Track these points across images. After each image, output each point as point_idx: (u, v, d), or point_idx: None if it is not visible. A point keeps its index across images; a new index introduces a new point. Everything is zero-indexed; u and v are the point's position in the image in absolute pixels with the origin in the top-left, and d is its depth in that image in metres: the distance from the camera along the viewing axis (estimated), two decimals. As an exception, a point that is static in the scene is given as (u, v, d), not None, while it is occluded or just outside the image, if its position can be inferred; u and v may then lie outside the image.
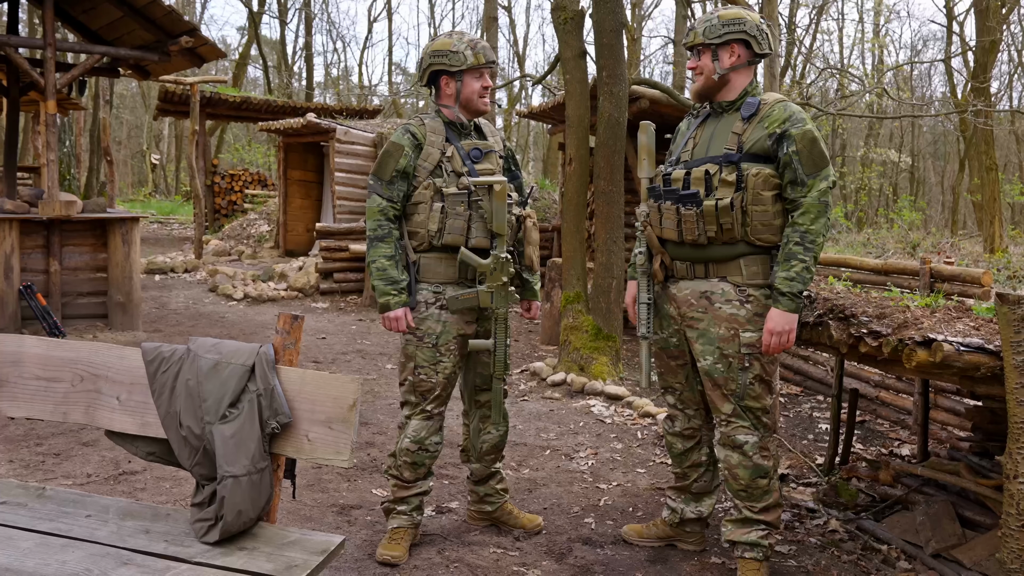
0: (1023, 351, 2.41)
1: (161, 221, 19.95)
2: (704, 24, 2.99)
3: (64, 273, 7.11)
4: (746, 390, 2.94)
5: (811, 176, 2.80)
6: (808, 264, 2.79)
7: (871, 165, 29.40)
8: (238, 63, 28.40)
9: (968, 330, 2.70)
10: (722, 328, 2.93)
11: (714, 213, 2.87)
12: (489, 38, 23.36)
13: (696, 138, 3.05)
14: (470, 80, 3.18)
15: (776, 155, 2.85)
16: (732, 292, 2.93)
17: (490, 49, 3.18)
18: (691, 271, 3.01)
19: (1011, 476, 2.47)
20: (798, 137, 2.81)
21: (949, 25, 25.25)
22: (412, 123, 3.24)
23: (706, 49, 2.99)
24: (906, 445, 4.96)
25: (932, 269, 5.05)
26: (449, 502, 3.85)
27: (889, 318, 2.85)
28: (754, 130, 2.89)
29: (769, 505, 3.00)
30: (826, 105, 12.90)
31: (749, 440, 2.96)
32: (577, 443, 4.83)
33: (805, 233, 2.78)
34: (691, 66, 3.03)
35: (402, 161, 3.14)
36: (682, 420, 3.27)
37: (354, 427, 2.46)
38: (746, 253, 2.91)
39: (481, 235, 3.15)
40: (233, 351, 2.54)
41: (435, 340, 3.18)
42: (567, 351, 6.23)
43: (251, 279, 10.32)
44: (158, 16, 6.95)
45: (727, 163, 2.89)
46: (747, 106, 2.93)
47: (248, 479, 2.42)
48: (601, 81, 6.10)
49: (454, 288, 3.19)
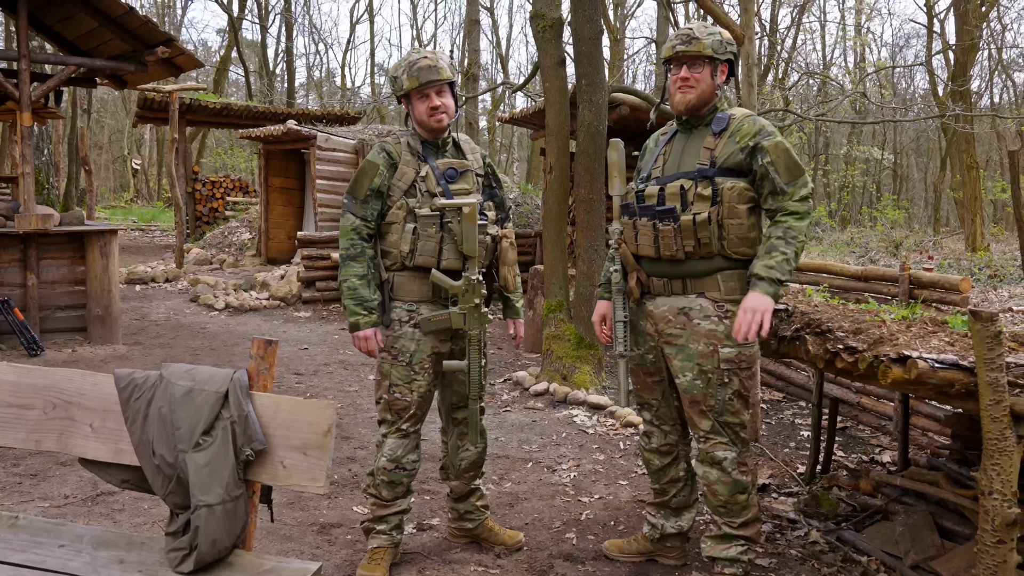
0: (996, 368, 2.42)
1: (143, 228, 19.82)
2: (711, 37, 2.96)
3: (42, 287, 7.04)
4: (725, 406, 2.93)
5: (790, 184, 2.82)
6: (789, 256, 2.77)
7: (854, 163, 29.58)
8: (219, 68, 28.29)
9: (943, 346, 2.71)
10: (701, 344, 2.92)
11: (692, 228, 2.87)
12: (471, 41, 23.32)
13: (666, 154, 3.05)
14: (416, 102, 3.16)
15: (750, 168, 2.87)
16: (710, 308, 2.92)
17: (432, 68, 3.12)
18: (668, 287, 3.00)
19: (986, 492, 2.48)
20: (771, 149, 2.83)
21: (929, 24, 25.45)
22: (388, 141, 3.24)
23: (709, 63, 2.96)
24: (887, 452, 4.98)
25: (911, 276, 5.08)
26: (430, 519, 3.84)
27: (865, 333, 2.86)
28: (726, 144, 2.90)
29: (748, 520, 3.00)
30: (807, 109, 12.95)
31: (728, 456, 2.96)
32: (559, 455, 4.82)
33: (788, 229, 2.80)
34: (685, 76, 2.96)
35: (376, 180, 3.13)
36: (659, 436, 3.25)
37: (329, 452, 2.45)
38: (723, 268, 2.91)
39: (453, 257, 3.13)
40: (206, 378, 2.52)
41: (409, 358, 3.17)
42: (550, 360, 6.22)
43: (233, 288, 10.25)
44: (134, 26, 6.89)
45: (702, 178, 2.89)
46: (717, 121, 2.94)
47: (222, 507, 2.40)
48: (580, 89, 6.09)
49: (428, 306, 3.18)
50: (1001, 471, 2.45)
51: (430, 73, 3.13)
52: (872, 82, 29.61)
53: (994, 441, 2.45)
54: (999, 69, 27.39)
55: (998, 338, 2.41)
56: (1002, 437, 2.44)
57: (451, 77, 3.18)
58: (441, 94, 3.18)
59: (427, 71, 3.13)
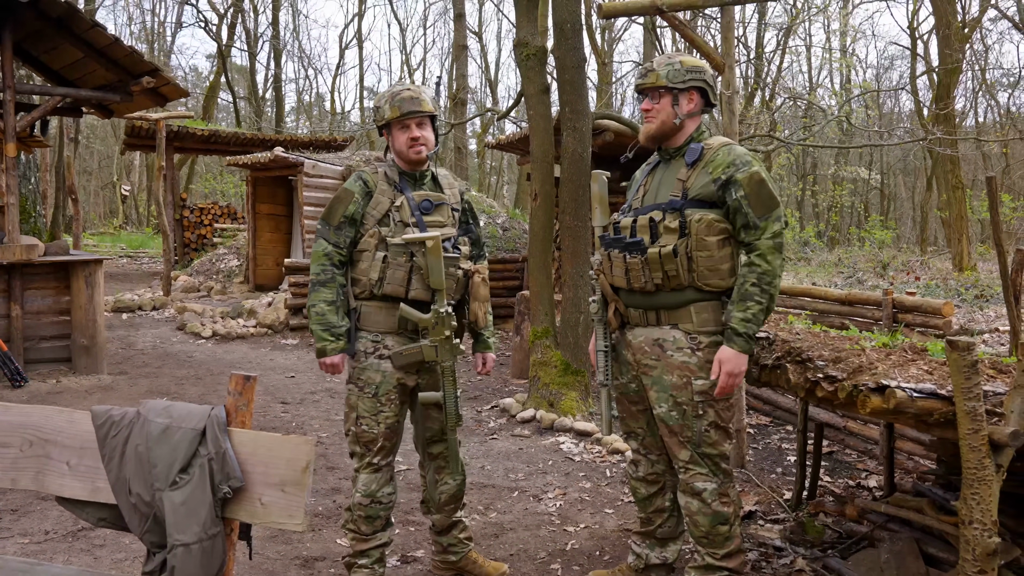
0: (974, 397, 2.43)
1: (131, 255, 19.75)
2: (667, 67, 2.97)
3: (26, 317, 7.00)
4: (702, 437, 2.92)
5: (762, 218, 2.80)
6: (764, 306, 2.79)
7: (842, 183, 29.78)
8: (208, 94, 28.37)
9: (922, 374, 2.71)
10: (675, 376, 2.92)
11: (658, 260, 2.87)
12: (459, 66, 23.47)
13: (646, 185, 3.08)
14: (397, 132, 3.20)
15: (723, 200, 2.85)
16: (683, 340, 2.92)
17: (414, 99, 3.16)
18: (644, 318, 3.01)
19: (966, 521, 2.48)
20: (744, 181, 2.81)
21: (913, 47, 25.76)
22: (366, 171, 3.27)
23: (667, 92, 2.98)
24: (873, 476, 4.97)
25: (894, 300, 5.10)
26: (415, 550, 3.81)
27: (844, 362, 2.86)
28: (698, 176, 2.89)
29: (731, 551, 2.98)
30: (789, 135, 13.05)
31: (708, 487, 2.94)
32: (546, 483, 4.80)
33: (762, 274, 2.78)
34: (646, 108, 3.01)
35: (351, 207, 3.15)
36: (645, 465, 3.25)
37: (307, 489, 2.43)
38: (695, 300, 2.91)
39: (421, 288, 3.13)
40: (184, 415, 2.50)
41: (375, 390, 3.16)
42: (536, 387, 6.21)
43: (220, 316, 10.22)
44: (119, 57, 6.91)
45: (671, 209, 2.89)
46: (690, 152, 2.94)
47: (199, 546, 2.38)
48: (564, 116, 6.13)
49: (394, 338, 3.17)
50: (981, 500, 2.45)
51: (412, 104, 3.16)
52: (858, 103, 29.89)
53: (973, 470, 2.46)
54: (983, 89, 27.69)
55: (975, 367, 2.41)
56: (981, 466, 2.45)
57: (432, 111, 3.22)
58: (421, 126, 3.21)
59: (409, 102, 3.16)
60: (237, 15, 29.30)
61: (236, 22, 29.53)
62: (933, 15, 19.65)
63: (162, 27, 34.43)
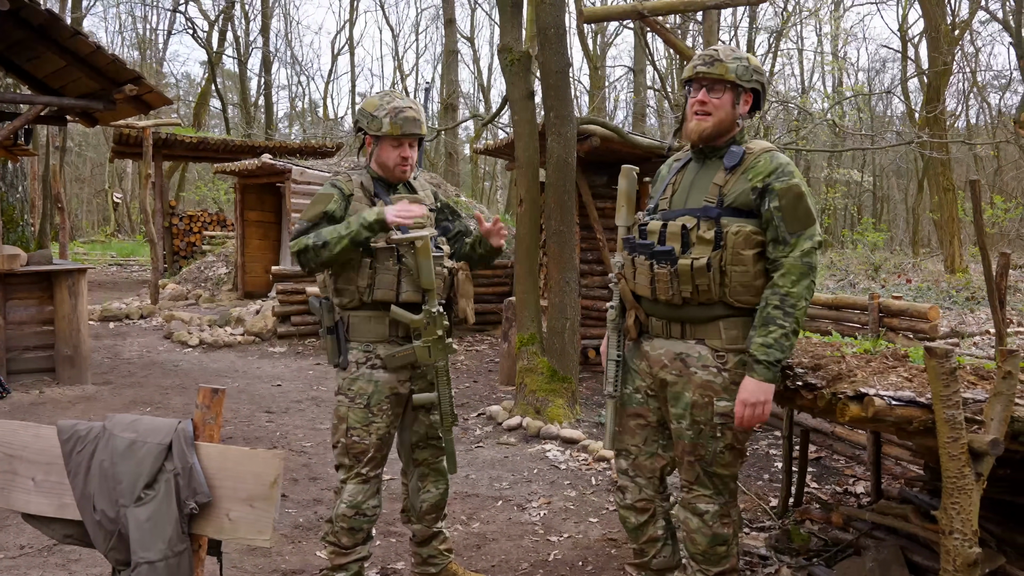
0: (953, 404, 2.39)
1: (121, 263, 19.67)
2: (735, 62, 2.71)
3: (9, 327, 6.93)
4: (715, 457, 2.74)
5: (795, 235, 2.59)
6: (787, 331, 2.56)
7: (835, 185, 29.81)
8: (199, 101, 28.30)
9: (901, 382, 2.68)
10: (696, 394, 2.70)
11: (689, 273, 2.64)
12: (450, 71, 23.48)
13: (675, 184, 2.83)
14: (387, 147, 3.14)
15: (759, 210, 2.64)
16: (709, 357, 2.70)
17: (416, 121, 3.12)
18: (667, 330, 2.78)
19: (946, 532, 2.44)
20: (781, 192, 2.60)
21: (904, 49, 25.80)
22: (339, 178, 3.22)
23: (731, 89, 2.72)
24: (861, 482, 4.94)
25: (880, 304, 5.07)
26: (395, 563, 3.76)
27: (824, 369, 2.83)
28: (737, 182, 2.67)
29: (725, 571, 2.86)
30: (776, 139, 13.04)
31: (710, 509, 2.80)
32: (530, 492, 4.75)
33: (786, 296, 2.56)
34: (702, 100, 2.72)
35: (331, 205, 3.09)
36: (633, 491, 2.99)
37: (275, 504, 2.39)
38: (725, 315, 2.68)
39: (411, 289, 3.09)
40: (149, 429, 2.46)
41: (367, 400, 3.12)
42: (523, 394, 6.17)
43: (207, 324, 10.16)
44: (102, 65, 6.86)
45: (706, 218, 2.66)
46: (730, 155, 2.70)
47: (165, 564, 2.33)
48: (549, 122, 6.10)
49: (385, 346, 3.14)
50: (961, 510, 2.41)
51: (413, 126, 3.12)
52: (850, 106, 29.90)
53: (953, 479, 2.42)
54: (974, 91, 27.76)
55: (954, 374, 2.38)
56: (961, 475, 2.41)
57: (426, 134, 3.20)
58: (413, 147, 3.18)
59: (411, 123, 3.11)
60: (227, 22, 29.26)
61: (226, 29, 29.50)
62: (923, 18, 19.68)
63: (154, 34, 34.40)
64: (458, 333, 10.40)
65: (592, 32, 27.93)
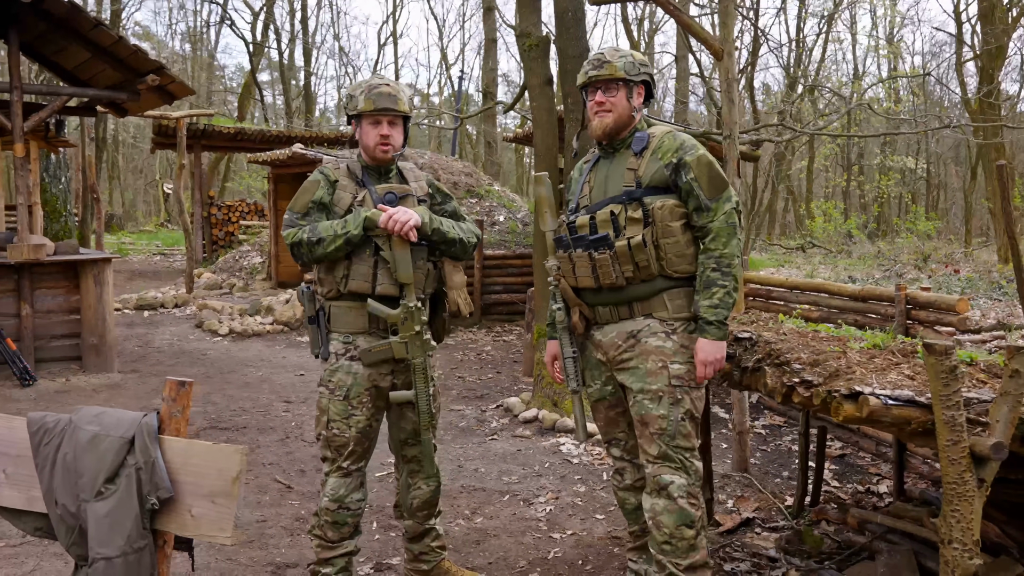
0: (954, 405, 2.23)
1: (165, 253, 19.97)
2: (623, 60, 2.89)
3: (36, 316, 7.03)
4: (677, 427, 2.77)
5: (714, 200, 2.74)
6: (728, 288, 2.73)
7: (888, 173, 29.05)
8: (243, 92, 28.60)
9: (902, 379, 2.51)
10: (650, 362, 2.80)
11: (628, 252, 2.78)
12: (490, 59, 23.34)
13: (591, 182, 2.96)
14: (367, 127, 3.08)
15: (676, 185, 2.79)
16: (658, 326, 2.82)
17: (391, 96, 3.04)
18: (615, 313, 2.89)
19: (945, 541, 2.28)
20: (693, 164, 2.76)
21: (959, 31, 24.95)
22: (327, 166, 3.17)
23: (623, 85, 2.89)
24: (885, 481, 4.74)
25: (908, 296, 4.85)
26: (391, 558, 3.69)
27: (822, 365, 2.67)
28: (649, 163, 2.83)
29: (696, 563, 2.77)
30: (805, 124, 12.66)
31: (675, 480, 2.76)
32: (539, 486, 4.65)
33: (720, 258, 2.73)
34: (600, 100, 2.89)
35: (318, 193, 3.06)
36: (631, 472, 3.08)
37: (236, 500, 2.32)
38: (666, 288, 2.82)
39: (388, 282, 3.01)
40: (113, 423, 2.40)
41: (346, 392, 3.04)
42: (540, 386, 6.06)
43: (238, 313, 10.22)
44: (124, 55, 6.90)
45: (630, 200, 2.81)
46: (637, 140, 2.87)
47: (123, 560, 2.27)
48: (567, 108, 5.95)
49: (365, 338, 3.06)
50: (961, 518, 2.25)
51: (387, 101, 3.05)
52: (904, 91, 29.03)
53: (953, 485, 2.25)
54: (1032, 76, 26.73)
55: (954, 372, 2.21)
56: (961, 481, 2.24)
57: (407, 111, 3.13)
58: (393, 125, 3.10)
59: (385, 98, 3.05)
60: (270, 14, 29.50)
61: (270, 21, 29.74)
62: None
63: (205, 27, 34.91)
64: (487, 322, 10.32)
65: (636, 20, 27.57)
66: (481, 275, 10.23)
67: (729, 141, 4.52)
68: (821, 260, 19.07)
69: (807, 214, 28.05)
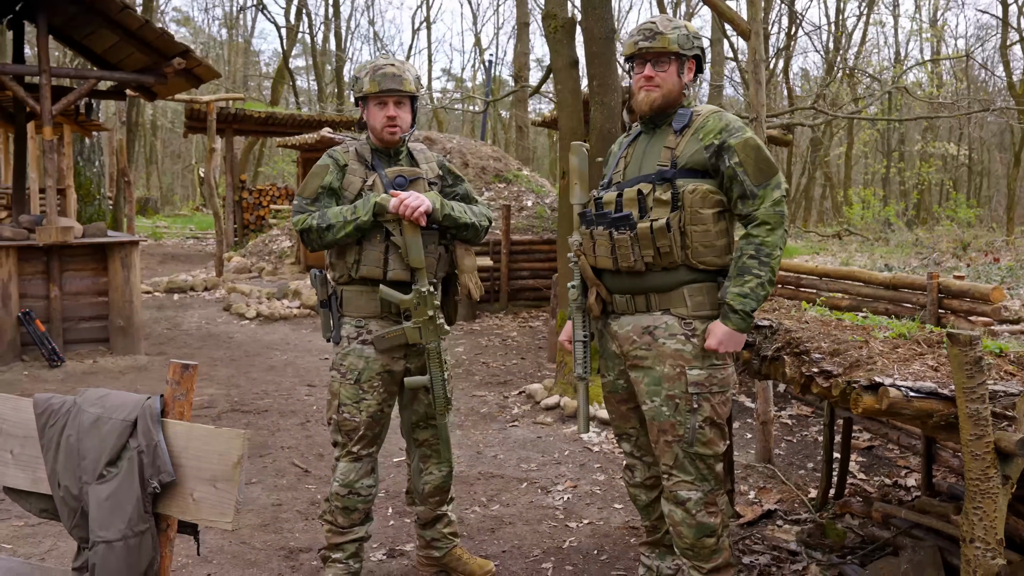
0: (977, 398, 2.13)
1: (198, 236, 20.17)
2: (676, 32, 2.69)
3: (65, 298, 7.10)
4: (695, 435, 2.62)
5: (761, 186, 2.55)
6: (763, 280, 2.53)
7: (929, 160, 28.45)
8: (276, 77, 28.77)
9: (925, 371, 2.41)
10: (666, 366, 2.63)
11: (649, 235, 2.60)
12: (522, 43, 23.19)
13: (628, 157, 2.80)
14: (373, 108, 3.02)
15: (717, 170, 2.60)
16: (676, 326, 2.63)
17: (396, 77, 2.98)
18: (631, 304, 2.73)
19: (967, 539, 2.18)
20: (739, 147, 2.56)
21: (1004, 14, 24.33)
22: (337, 149, 3.12)
23: (675, 60, 2.70)
24: (914, 474, 4.61)
25: (940, 284, 4.71)
26: (404, 544, 3.66)
27: (843, 355, 2.58)
28: (688, 143, 2.64)
29: (719, 565, 2.69)
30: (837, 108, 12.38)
31: (692, 497, 2.65)
32: (558, 474, 4.59)
33: (761, 246, 2.53)
34: (648, 75, 2.69)
35: (327, 178, 3.01)
36: (642, 469, 2.96)
37: (238, 485, 2.29)
38: (689, 281, 2.64)
39: (399, 268, 2.96)
40: (116, 405, 2.38)
41: (357, 376, 3.01)
42: (563, 372, 6.00)
43: (265, 297, 10.28)
44: (151, 39, 6.91)
45: (661, 180, 2.63)
46: (678, 118, 2.69)
47: (124, 544, 2.26)
48: (592, 91, 5.85)
49: (378, 322, 3.02)
50: (984, 516, 2.15)
51: (392, 82, 3.00)
52: (947, 75, 28.32)
53: (976, 482, 2.16)
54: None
55: (979, 364, 2.11)
56: (985, 477, 2.15)
57: (413, 91, 3.06)
58: (399, 106, 3.04)
59: (390, 79, 2.99)
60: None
61: (303, 6, 29.80)
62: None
63: (240, 12, 35.10)
64: (513, 308, 10.27)
65: (672, 3, 27.18)
66: (508, 260, 10.17)
67: (756, 124, 4.40)
68: (857, 248, 18.73)
69: (845, 201, 27.58)
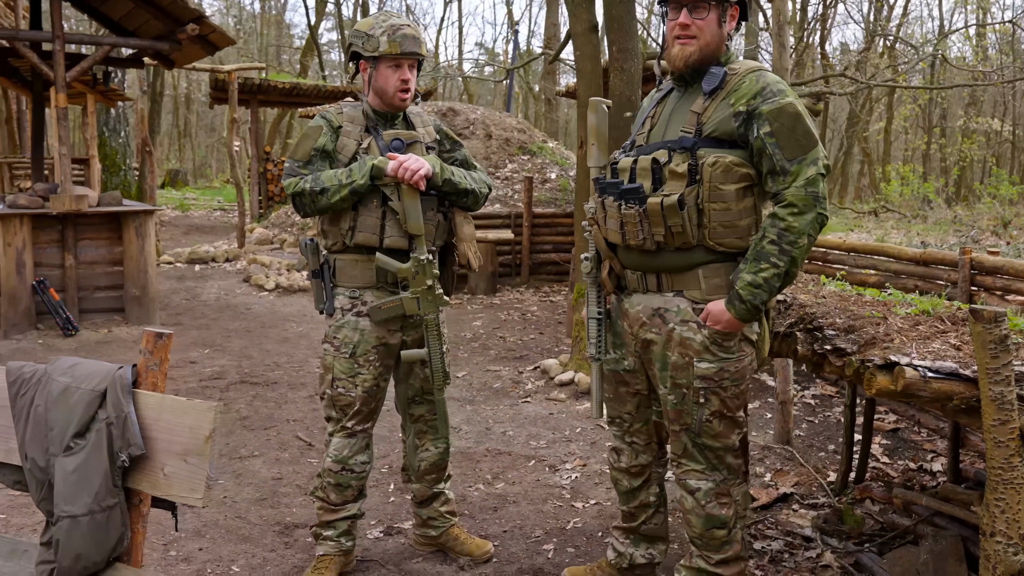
0: (1003, 380, 1.95)
1: (225, 208, 20.20)
2: None
3: (80, 267, 7.07)
4: (702, 426, 2.43)
5: (794, 161, 2.23)
6: (780, 270, 2.24)
7: (972, 136, 27.67)
8: (305, 49, 28.68)
9: (947, 349, 2.23)
10: (675, 354, 2.42)
11: (659, 212, 2.32)
12: (551, 14, 22.85)
13: (654, 117, 2.50)
14: (385, 70, 2.83)
15: (746, 140, 2.30)
16: (688, 311, 2.40)
17: (416, 39, 2.82)
18: (642, 283, 2.49)
19: (987, 533, 2.01)
20: (772, 115, 2.24)
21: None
22: (330, 111, 2.97)
23: (716, 5, 2.36)
24: (940, 459, 4.41)
25: (973, 260, 4.47)
26: (403, 521, 3.56)
27: (858, 332, 2.40)
28: (717, 108, 2.33)
29: (728, 558, 2.52)
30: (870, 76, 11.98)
31: (701, 487, 2.48)
32: (567, 452, 4.46)
33: (785, 231, 2.23)
34: (684, 23, 2.35)
35: (320, 139, 2.86)
36: (628, 455, 2.78)
37: (208, 460, 2.18)
38: (705, 261, 2.38)
39: (397, 235, 2.82)
40: (86, 374, 2.28)
41: (352, 349, 2.89)
42: (578, 348, 5.85)
43: (285, 268, 10.22)
44: (165, 4, 6.81)
45: (680, 149, 2.33)
46: (710, 77, 2.35)
47: (90, 519, 2.15)
48: (612, 56, 5.64)
49: (373, 293, 2.89)
50: (1007, 508, 1.98)
51: (412, 44, 2.84)
52: (993, 49, 27.45)
53: (998, 471, 1.98)
54: None
55: (1005, 343, 1.93)
56: (1008, 466, 1.97)
57: (427, 55, 2.93)
58: (413, 68, 2.88)
59: (411, 41, 2.83)
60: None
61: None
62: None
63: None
64: (534, 282, 10.11)
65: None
66: (530, 233, 10.00)
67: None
68: (894, 225, 18.29)
69: (883, 177, 26.97)
